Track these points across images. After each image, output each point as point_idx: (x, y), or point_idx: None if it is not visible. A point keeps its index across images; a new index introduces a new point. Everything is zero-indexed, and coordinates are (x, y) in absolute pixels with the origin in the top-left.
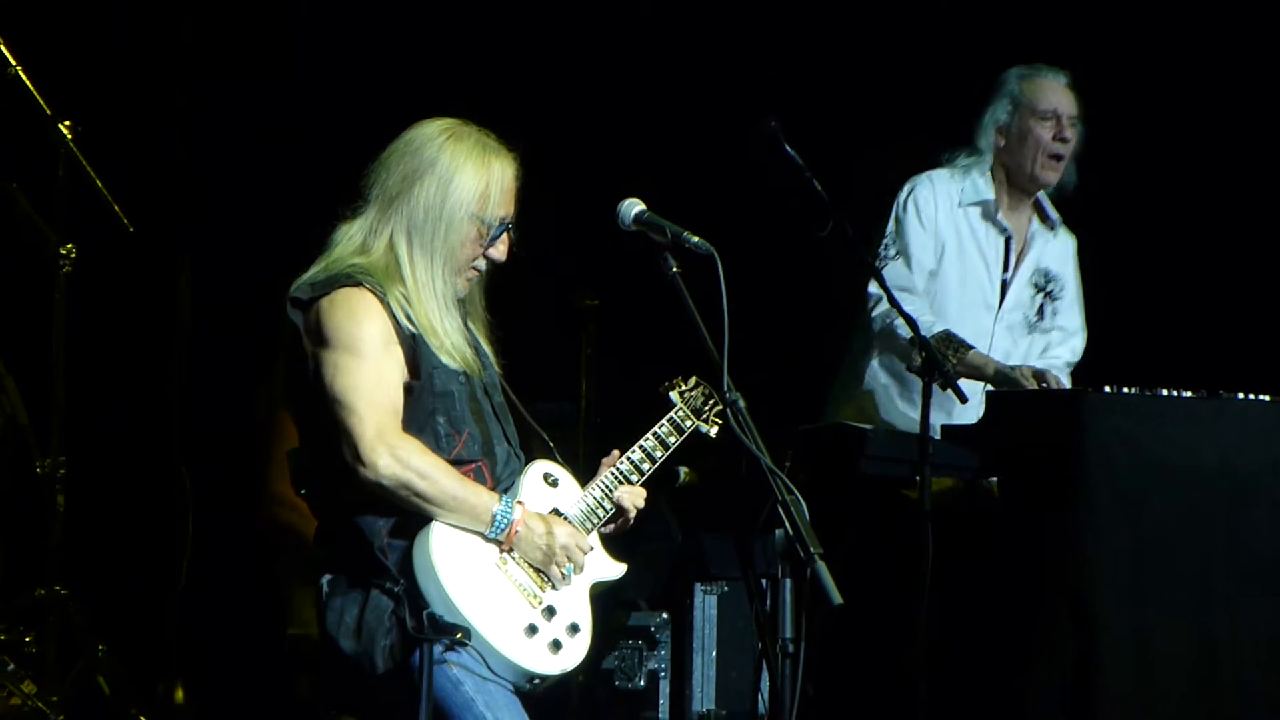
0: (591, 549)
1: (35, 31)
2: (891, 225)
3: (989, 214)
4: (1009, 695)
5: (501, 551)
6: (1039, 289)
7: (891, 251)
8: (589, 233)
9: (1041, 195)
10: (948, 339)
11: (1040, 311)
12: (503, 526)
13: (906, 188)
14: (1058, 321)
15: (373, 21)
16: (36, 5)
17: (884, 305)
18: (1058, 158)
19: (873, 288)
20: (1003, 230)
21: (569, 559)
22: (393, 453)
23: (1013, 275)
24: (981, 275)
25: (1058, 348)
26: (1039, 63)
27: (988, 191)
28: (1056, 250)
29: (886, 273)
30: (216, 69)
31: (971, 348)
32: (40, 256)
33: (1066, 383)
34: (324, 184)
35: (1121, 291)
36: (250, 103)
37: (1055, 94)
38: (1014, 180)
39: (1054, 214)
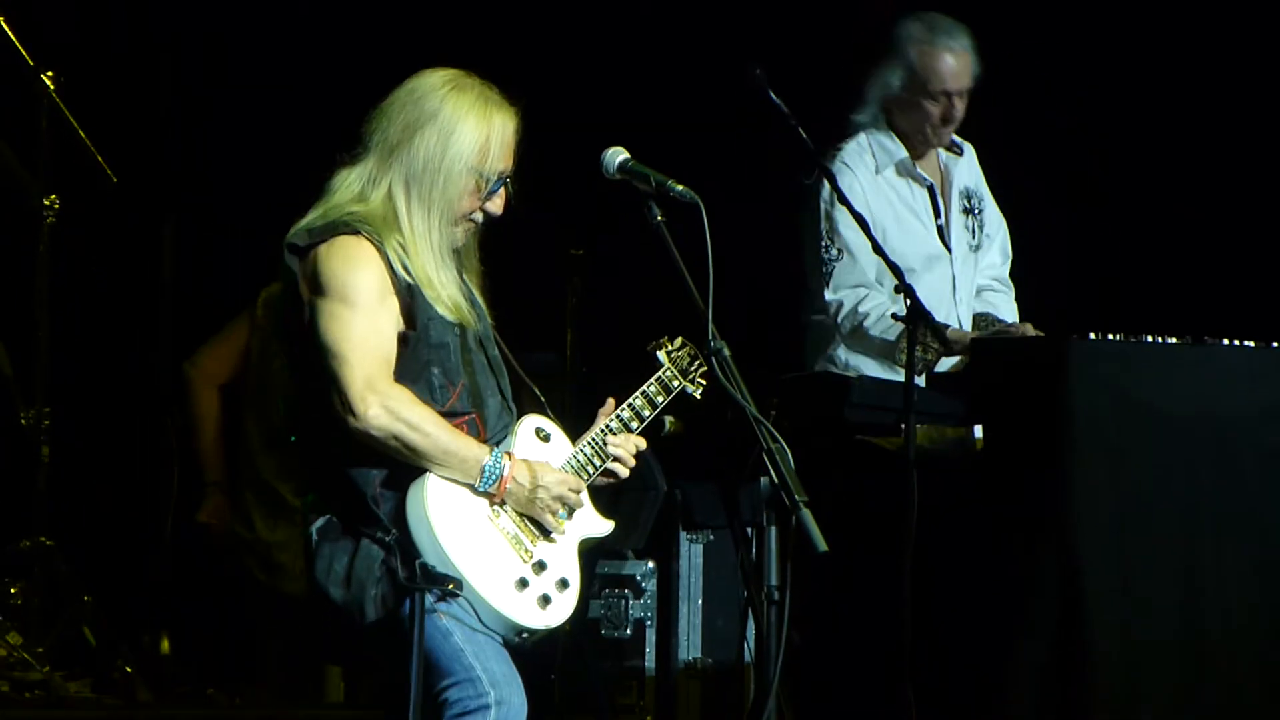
0: (582, 491)
1: None
2: (824, 224)
3: (907, 169)
4: (996, 645)
5: (493, 504)
6: (966, 212)
7: (834, 251)
8: (573, 182)
9: None
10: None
11: (974, 231)
12: (493, 480)
13: (824, 181)
14: (986, 230)
15: (372, 21)
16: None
17: (847, 306)
18: (948, 125)
19: (828, 294)
20: (923, 181)
21: (563, 504)
22: (383, 403)
23: (946, 218)
24: (921, 232)
25: (989, 254)
26: (939, 16)
27: (898, 149)
28: (965, 166)
29: (837, 272)
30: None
31: (946, 327)
32: (23, 207)
33: (1011, 294)
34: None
35: (1106, 240)
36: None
37: (950, 70)
38: (910, 139)
39: (955, 139)
